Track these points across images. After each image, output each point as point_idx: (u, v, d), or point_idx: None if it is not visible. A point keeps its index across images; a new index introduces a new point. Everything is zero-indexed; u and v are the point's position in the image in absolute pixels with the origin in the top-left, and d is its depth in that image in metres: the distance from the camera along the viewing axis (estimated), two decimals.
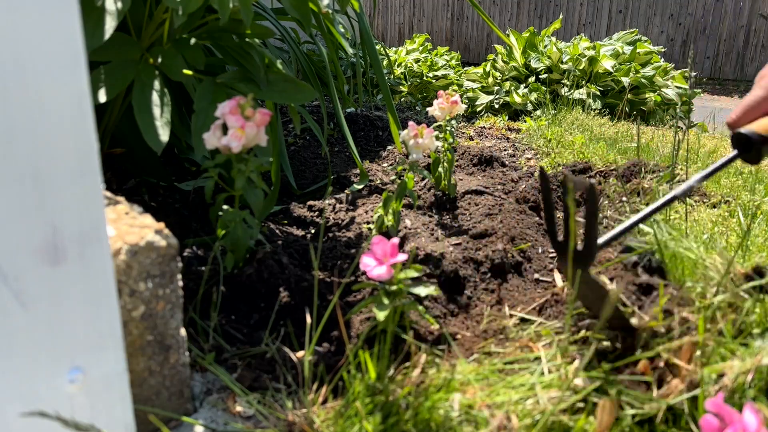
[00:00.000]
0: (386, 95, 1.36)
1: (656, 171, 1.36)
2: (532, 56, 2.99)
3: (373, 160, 1.73)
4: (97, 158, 0.42)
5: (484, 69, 3.15)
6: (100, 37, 0.77)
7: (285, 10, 0.98)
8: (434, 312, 0.80)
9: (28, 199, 0.40)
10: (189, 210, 1.10)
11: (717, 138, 2.45)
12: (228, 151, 0.77)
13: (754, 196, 1.28)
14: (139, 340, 0.53)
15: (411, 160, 1.03)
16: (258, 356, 0.69)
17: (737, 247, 0.83)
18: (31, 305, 0.42)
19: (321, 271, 0.91)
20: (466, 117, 2.80)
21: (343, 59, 2.83)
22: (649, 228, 0.88)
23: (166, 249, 0.51)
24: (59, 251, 0.42)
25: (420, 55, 3.45)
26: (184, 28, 0.92)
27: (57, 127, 0.40)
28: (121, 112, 1.03)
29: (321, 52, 1.52)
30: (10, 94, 0.38)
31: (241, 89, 0.91)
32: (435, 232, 1.08)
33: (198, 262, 0.87)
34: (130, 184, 1.15)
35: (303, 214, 1.22)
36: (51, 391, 0.45)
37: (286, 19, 1.28)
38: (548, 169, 1.60)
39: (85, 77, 0.40)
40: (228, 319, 0.76)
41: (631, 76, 2.80)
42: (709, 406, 0.43)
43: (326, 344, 0.73)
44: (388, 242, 0.63)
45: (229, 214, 0.81)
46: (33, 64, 0.38)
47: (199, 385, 0.63)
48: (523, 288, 0.90)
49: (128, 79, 0.84)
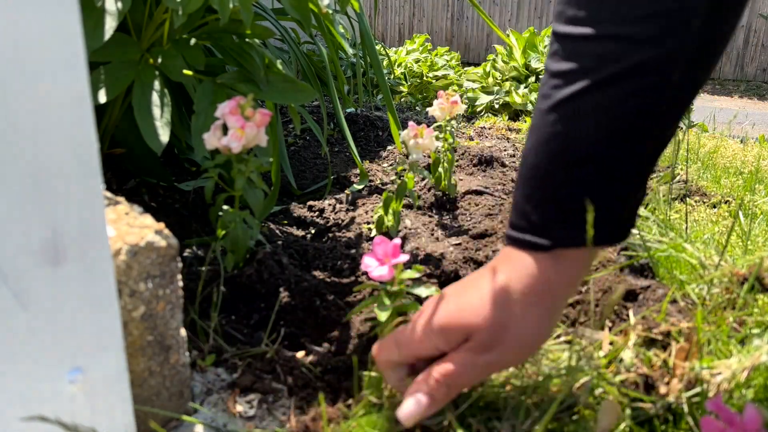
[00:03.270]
0: (386, 95, 1.36)
1: (656, 171, 1.36)
2: (532, 56, 2.99)
3: (373, 160, 1.73)
4: (97, 159, 0.42)
5: (484, 69, 3.15)
6: (100, 37, 0.77)
7: (285, 10, 0.98)
8: None
9: (28, 199, 0.40)
10: (189, 210, 1.10)
11: (717, 138, 2.45)
12: (228, 151, 0.77)
13: (754, 196, 1.28)
14: (140, 340, 0.53)
15: (411, 161, 1.03)
16: (258, 356, 0.69)
17: (741, 250, 0.83)
18: (32, 306, 0.42)
19: (321, 271, 0.91)
20: (466, 117, 2.80)
21: (343, 59, 2.83)
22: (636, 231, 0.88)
23: (166, 249, 0.51)
24: (59, 252, 0.42)
25: (420, 55, 3.45)
26: (184, 28, 0.92)
27: (57, 128, 0.40)
28: (121, 113, 1.03)
29: (321, 53, 1.52)
30: (10, 94, 0.38)
31: (241, 89, 0.91)
32: (435, 233, 1.08)
33: (198, 263, 0.87)
34: (130, 185, 1.16)
35: (303, 214, 1.22)
36: (51, 391, 0.45)
37: (286, 19, 1.28)
38: None
39: (85, 78, 0.40)
40: (228, 319, 0.76)
41: None
42: (709, 406, 0.43)
43: (326, 344, 0.73)
44: (389, 243, 0.63)
45: (229, 215, 0.81)
46: (33, 65, 0.38)
47: (200, 385, 0.63)
48: None
49: (128, 80, 0.84)
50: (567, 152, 0.49)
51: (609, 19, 0.47)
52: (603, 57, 0.47)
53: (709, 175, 1.50)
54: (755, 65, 6.99)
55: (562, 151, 0.49)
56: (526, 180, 0.52)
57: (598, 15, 0.47)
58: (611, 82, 0.47)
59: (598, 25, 0.47)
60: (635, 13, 0.46)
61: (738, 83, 7.02)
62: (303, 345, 0.74)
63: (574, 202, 0.49)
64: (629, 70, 0.46)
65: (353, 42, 2.20)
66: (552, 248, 0.50)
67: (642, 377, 0.58)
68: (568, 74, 0.49)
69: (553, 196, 0.50)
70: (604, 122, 0.48)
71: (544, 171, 0.51)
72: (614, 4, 0.47)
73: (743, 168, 1.66)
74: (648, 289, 0.76)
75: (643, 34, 0.46)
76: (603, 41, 0.47)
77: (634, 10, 0.46)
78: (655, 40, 0.46)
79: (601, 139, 0.48)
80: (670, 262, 0.81)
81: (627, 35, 0.46)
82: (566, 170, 0.49)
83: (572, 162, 0.49)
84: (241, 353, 0.69)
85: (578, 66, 0.48)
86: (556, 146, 0.49)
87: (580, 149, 0.48)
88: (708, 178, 1.45)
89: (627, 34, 0.46)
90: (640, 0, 0.46)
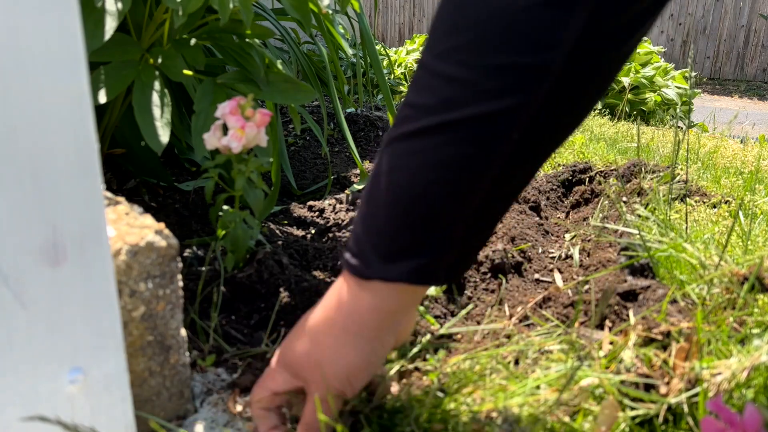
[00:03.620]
0: (386, 95, 1.36)
1: (656, 171, 1.36)
2: None
3: (373, 160, 1.73)
4: (97, 159, 0.42)
5: None
6: (100, 37, 0.77)
7: (285, 10, 0.98)
8: (435, 312, 0.81)
9: (28, 199, 0.40)
10: (189, 210, 1.10)
11: (717, 138, 2.45)
12: (228, 151, 0.77)
13: (754, 196, 1.28)
14: (140, 340, 0.53)
15: None
16: (258, 357, 0.69)
17: (742, 250, 0.83)
18: (31, 306, 0.42)
19: (321, 271, 0.91)
20: None
21: (343, 59, 2.83)
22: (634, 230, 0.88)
23: (167, 249, 0.51)
24: (59, 252, 0.42)
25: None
26: (184, 28, 0.92)
27: (57, 128, 0.40)
28: (121, 113, 1.03)
29: (321, 53, 1.52)
30: (10, 94, 0.38)
31: (241, 90, 0.91)
32: None
33: (198, 263, 0.87)
34: (130, 185, 1.16)
35: (303, 214, 1.22)
36: (51, 391, 0.45)
37: (286, 19, 1.28)
38: (548, 168, 1.61)
39: (86, 78, 0.40)
40: (228, 319, 0.76)
41: (631, 76, 2.80)
42: (709, 406, 0.43)
43: None
44: None
45: (230, 215, 0.81)
46: (33, 65, 0.38)
47: (200, 385, 0.63)
48: (523, 288, 0.90)
49: (128, 80, 0.84)
50: (398, 187, 0.48)
51: (465, 62, 0.45)
52: (450, 100, 0.46)
53: (709, 175, 1.50)
54: (755, 65, 6.99)
55: (393, 185, 0.48)
56: (362, 201, 0.52)
57: (458, 55, 0.45)
58: (450, 126, 0.46)
59: (455, 66, 0.46)
60: (492, 61, 0.44)
61: (738, 83, 7.02)
62: None
63: (396, 237, 0.49)
64: (470, 118, 0.45)
65: (353, 42, 2.20)
66: (367, 278, 0.50)
67: (642, 377, 0.58)
68: (419, 108, 0.48)
69: (377, 226, 0.49)
70: (436, 165, 0.47)
71: (373, 199, 0.50)
72: (475, 49, 0.45)
73: (743, 168, 1.66)
74: (648, 289, 0.76)
75: (492, 84, 0.44)
76: (455, 84, 0.45)
77: (491, 58, 0.44)
78: (503, 92, 0.44)
79: (430, 182, 0.47)
80: (670, 262, 0.81)
81: (477, 82, 0.45)
82: (392, 205, 0.49)
83: (400, 198, 0.48)
84: (242, 353, 0.69)
85: (427, 103, 0.47)
86: (390, 179, 0.49)
87: (411, 187, 0.48)
88: (708, 178, 1.45)
89: (477, 81, 0.45)
90: (501, 48, 0.44)
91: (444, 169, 0.47)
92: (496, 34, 0.44)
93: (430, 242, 0.49)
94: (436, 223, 0.48)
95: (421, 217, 0.48)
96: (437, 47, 0.47)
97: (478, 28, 0.44)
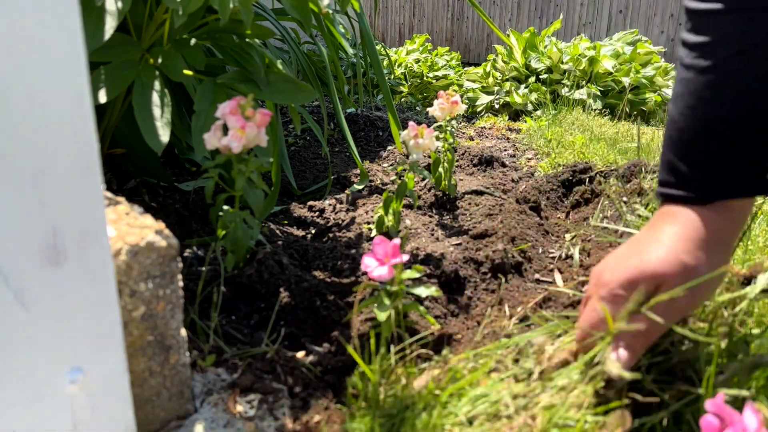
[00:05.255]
0: (386, 95, 1.36)
1: (656, 171, 1.36)
2: (532, 56, 2.99)
3: (373, 160, 1.73)
4: (97, 159, 0.42)
5: (485, 69, 3.15)
6: (100, 37, 0.77)
7: (285, 10, 0.98)
8: (435, 312, 0.80)
9: (28, 199, 0.40)
10: (189, 210, 1.10)
11: None
12: (228, 151, 0.77)
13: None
14: (140, 340, 0.53)
15: (411, 161, 1.03)
16: (258, 357, 0.69)
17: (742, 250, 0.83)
18: (32, 306, 0.42)
19: (321, 271, 0.91)
20: (467, 117, 2.80)
21: (343, 59, 2.83)
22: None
23: (167, 249, 0.51)
24: (60, 252, 0.42)
25: (420, 55, 3.45)
26: (184, 28, 0.92)
27: (57, 128, 0.40)
28: (122, 113, 1.03)
29: (321, 53, 1.52)
30: (11, 94, 0.38)
31: (241, 90, 0.91)
32: (435, 233, 1.08)
33: (198, 263, 0.87)
34: (130, 185, 1.16)
35: (303, 214, 1.22)
36: (51, 391, 0.45)
37: (286, 19, 1.28)
38: (548, 169, 1.60)
39: (86, 78, 0.40)
40: (228, 319, 0.76)
41: (631, 77, 2.80)
42: (710, 406, 0.43)
43: (326, 344, 0.73)
44: (389, 243, 0.63)
45: (230, 215, 0.81)
46: (33, 65, 0.38)
47: (200, 385, 0.63)
48: (523, 288, 0.90)
49: (128, 80, 0.84)
50: (715, 116, 0.55)
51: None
52: (730, 30, 0.53)
53: None
54: None
55: (709, 115, 0.55)
56: (676, 142, 0.58)
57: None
58: (742, 53, 0.53)
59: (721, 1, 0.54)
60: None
61: None
62: (303, 345, 0.74)
63: (727, 159, 0.55)
64: (760, 42, 0.52)
65: (353, 42, 2.20)
66: (712, 201, 0.55)
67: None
68: (704, 47, 0.55)
69: (708, 155, 0.56)
70: (744, 88, 0.53)
71: (694, 134, 0.57)
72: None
73: None
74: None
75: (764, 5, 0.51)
76: (729, 15, 0.53)
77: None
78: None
79: (743, 102, 0.54)
80: None
81: (749, 8, 0.52)
82: (717, 132, 0.55)
83: (720, 125, 0.55)
84: (242, 353, 0.69)
85: (710, 39, 0.55)
86: (704, 112, 0.56)
87: (726, 113, 0.55)
88: None
89: (748, 7, 0.52)
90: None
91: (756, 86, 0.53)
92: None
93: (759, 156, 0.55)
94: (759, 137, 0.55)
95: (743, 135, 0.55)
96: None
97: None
